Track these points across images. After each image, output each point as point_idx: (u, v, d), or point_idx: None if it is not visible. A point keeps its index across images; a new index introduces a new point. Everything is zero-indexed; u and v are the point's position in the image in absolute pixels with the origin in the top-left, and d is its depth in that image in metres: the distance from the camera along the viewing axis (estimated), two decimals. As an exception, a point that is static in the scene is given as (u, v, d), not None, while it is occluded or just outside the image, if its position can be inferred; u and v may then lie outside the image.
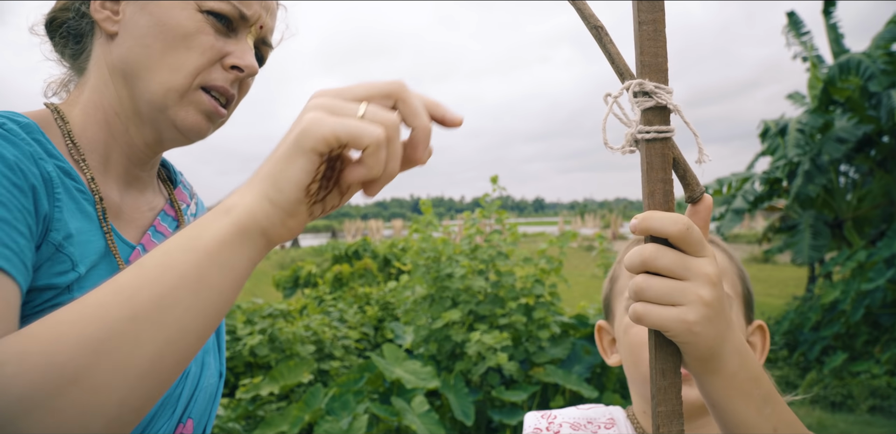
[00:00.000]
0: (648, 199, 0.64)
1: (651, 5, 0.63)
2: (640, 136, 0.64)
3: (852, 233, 8.67)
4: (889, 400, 5.86)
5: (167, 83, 0.88)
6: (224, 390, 4.79)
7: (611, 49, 0.67)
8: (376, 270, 9.56)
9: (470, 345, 4.28)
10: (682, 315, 0.61)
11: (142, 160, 0.96)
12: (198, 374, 0.95)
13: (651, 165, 0.64)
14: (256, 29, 0.96)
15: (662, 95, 0.63)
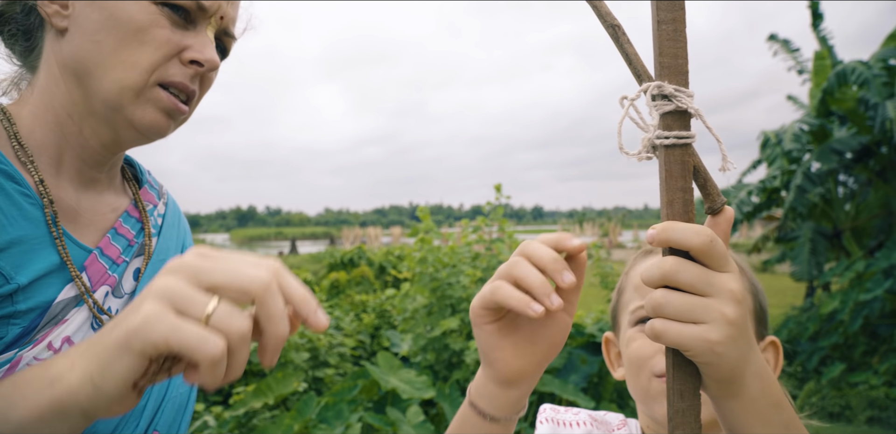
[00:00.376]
0: (667, 209, 0.61)
1: (671, 4, 0.60)
2: (659, 142, 0.60)
3: (851, 243, 8.65)
4: (887, 411, 5.83)
5: (121, 81, 0.83)
6: (217, 397, 4.75)
7: (628, 49, 0.64)
8: (373, 278, 9.54)
9: (469, 353, 4.26)
10: (705, 334, 0.57)
11: (98, 162, 0.91)
12: (164, 386, 0.91)
13: (670, 173, 0.60)
14: (216, 20, 0.91)
15: (683, 99, 0.60)
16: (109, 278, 0.88)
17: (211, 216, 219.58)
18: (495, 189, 5.17)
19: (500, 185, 5.16)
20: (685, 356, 0.60)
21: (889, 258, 6.82)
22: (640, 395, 0.95)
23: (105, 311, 0.85)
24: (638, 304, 0.97)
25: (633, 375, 0.96)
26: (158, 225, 1.02)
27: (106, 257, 0.89)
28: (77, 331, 0.81)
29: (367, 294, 8.56)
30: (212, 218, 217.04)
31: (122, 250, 0.92)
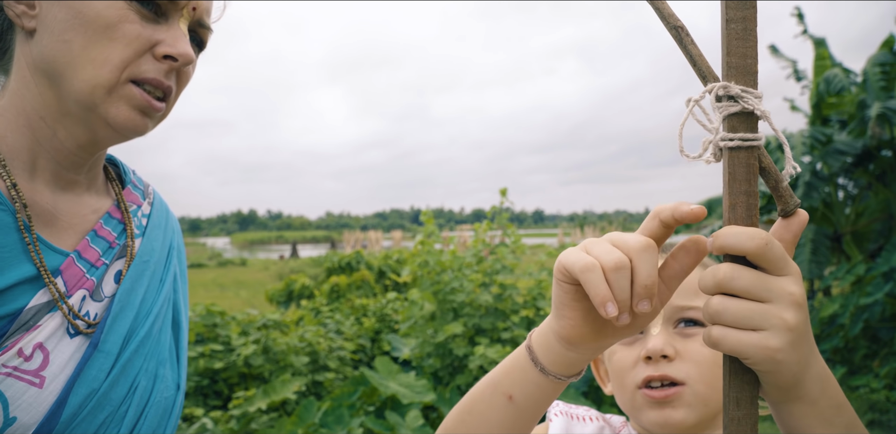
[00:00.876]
0: (730, 213, 0.59)
1: (741, 3, 0.58)
2: (724, 144, 0.58)
3: (851, 247, 8.65)
4: (888, 414, 5.82)
5: (92, 80, 0.80)
6: (217, 402, 4.75)
7: (692, 50, 0.62)
8: (373, 282, 9.54)
9: (473, 359, 4.25)
10: (764, 341, 0.56)
11: (75, 163, 0.89)
12: (149, 389, 0.88)
13: (734, 176, 0.58)
14: (189, 11, 0.88)
15: (750, 100, 0.58)
16: (87, 282, 0.86)
17: (212, 220, 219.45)
18: (500, 193, 5.15)
19: (506, 190, 5.14)
20: (742, 363, 0.58)
21: (889, 262, 6.82)
22: (626, 407, 0.94)
23: (80, 316, 0.83)
24: None
25: (618, 388, 0.95)
26: (143, 225, 0.99)
27: (84, 260, 0.87)
28: (50, 337, 0.79)
29: (367, 298, 8.56)
30: (213, 222, 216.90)
31: (102, 253, 0.90)
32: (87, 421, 0.80)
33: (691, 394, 0.87)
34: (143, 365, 0.88)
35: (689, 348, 0.89)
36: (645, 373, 0.88)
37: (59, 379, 0.78)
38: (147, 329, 0.89)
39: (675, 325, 0.91)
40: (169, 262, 1.00)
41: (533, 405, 0.72)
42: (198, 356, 4.76)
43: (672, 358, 0.88)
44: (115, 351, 0.84)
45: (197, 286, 19.04)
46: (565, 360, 0.69)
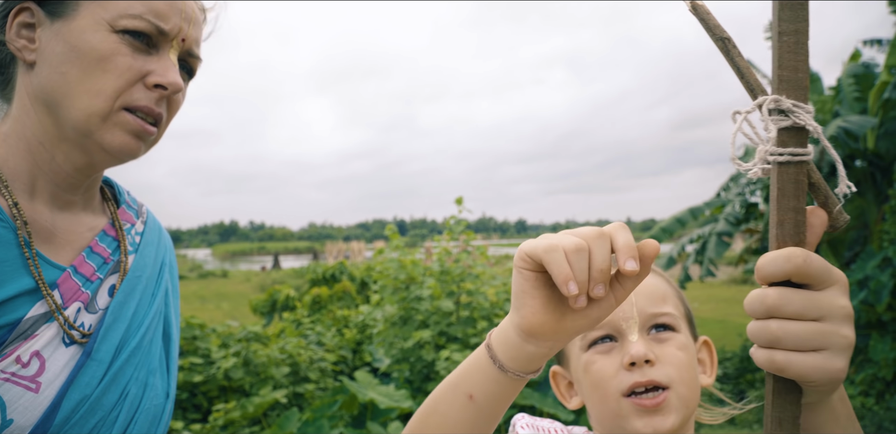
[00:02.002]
0: (777, 229, 0.57)
1: (794, 15, 0.57)
2: (773, 159, 0.57)
3: (828, 255, 8.77)
4: (863, 420, 5.89)
5: (87, 108, 0.87)
6: (196, 415, 4.72)
7: (739, 62, 0.61)
8: (355, 293, 9.52)
9: (440, 363, 4.27)
10: (829, 363, 0.55)
11: (72, 185, 0.95)
12: (139, 396, 0.93)
13: (783, 192, 0.57)
14: (178, 43, 0.94)
15: (801, 115, 0.56)
16: (82, 295, 0.91)
17: (193, 231, 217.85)
18: (456, 202, 5.16)
19: (462, 199, 5.14)
20: (786, 383, 0.58)
21: (863, 270, 6.93)
22: (609, 417, 0.93)
23: (75, 326, 0.88)
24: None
25: (599, 399, 0.94)
26: (136, 243, 1.05)
27: (80, 275, 0.92)
28: (46, 345, 0.84)
29: (348, 309, 8.54)
30: (194, 233, 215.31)
31: (97, 268, 0.95)
32: (80, 424, 0.85)
33: (676, 397, 0.89)
34: (134, 374, 0.93)
35: (665, 352, 0.92)
36: (631, 379, 0.89)
37: (53, 385, 0.84)
38: (138, 340, 0.95)
39: (648, 332, 0.94)
40: (161, 277, 1.06)
41: (493, 404, 0.73)
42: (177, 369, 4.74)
43: (654, 363, 0.90)
44: (107, 360, 0.89)
45: (178, 298, 18.86)
46: (524, 354, 0.70)
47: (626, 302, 0.94)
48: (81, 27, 0.87)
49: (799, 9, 0.57)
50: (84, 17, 0.87)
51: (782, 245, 0.57)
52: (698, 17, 0.63)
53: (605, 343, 0.95)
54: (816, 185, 0.59)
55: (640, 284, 0.95)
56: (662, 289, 0.99)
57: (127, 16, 0.88)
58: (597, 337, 0.95)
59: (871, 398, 6.18)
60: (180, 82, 0.92)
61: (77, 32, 0.87)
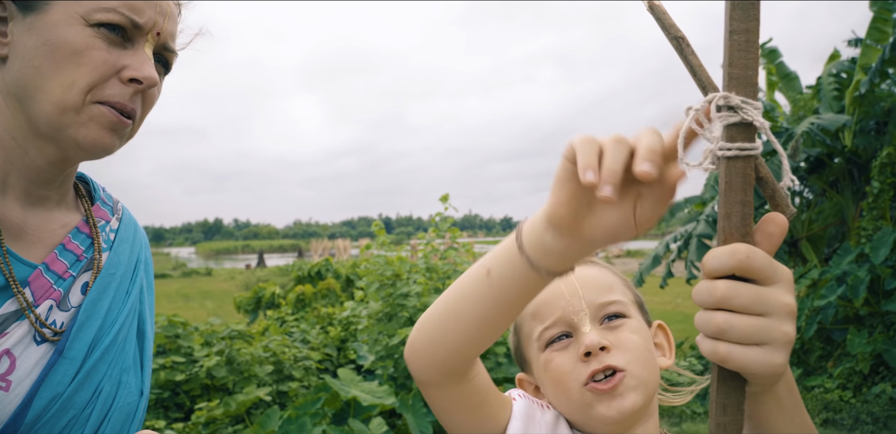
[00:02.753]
0: (724, 222, 0.59)
1: (745, 14, 0.58)
2: (721, 154, 0.59)
3: (808, 251, 8.87)
4: (841, 413, 5.98)
5: (61, 102, 0.86)
6: (179, 414, 4.71)
7: (692, 61, 0.63)
8: (339, 290, 9.52)
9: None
10: (769, 357, 0.58)
11: (46, 180, 0.94)
12: (112, 394, 0.93)
13: (730, 186, 0.59)
14: (153, 36, 0.93)
15: (749, 111, 0.58)
16: (54, 292, 0.91)
17: (177, 229, 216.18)
18: (441, 200, 5.16)
19: (447, 196, 5.15)
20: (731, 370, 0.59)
21: (841, 265, 7.02)
22: (576, 409, 0.95)
23: (47, 324, 0.88)
24: (540, 328, 0.99)
25: (562, 394, 0.96)
26: (111, 240, 1.04)
27: (52, 272, 0.92)
28: (17, 344, 0.84)
29: (333, 307, 8.54)
30: (177, 231, 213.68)
31: (70, 265, 0.95)
32: (51, 423, 0.85)
33: (632, 378, 0.91)
34: (108, 371, 0.93)
35: (620, 337, 0.94)
36: (588, 368, 0.92)
37: (24, 383, 0.83)
38: (112, 337, 0.94)
39: (600, 322, 0.97)
40: (136, 274, 1.05)
41: (506, 285, 0.73)
42: (158, 368, 4.72)
43: (609, 349, 0.92)
44: (79, 358, 0.89)
45: (160, 297, 18.76)
46: (542, 243, 0.70)
47: (573, 296, 0.97)
48: (55, 21, 0.86)
49: (750, 8, 0.58)
50: (57, 10, 0.86)
51: (729, 237, 0.59)
52: (654, 16, 0.65)
53: (562, 340, 0.97)
54: (764, 179, 0.61)
55: (585, 277, 0.99)
56: (607, 279, 1.02)
57: (101, 9, 0.87)
58: (552, 335, 0.98)
59: (849, 391, 6.28)
60: (156, 76, 0.92)
61: (50, 26, 0.85)
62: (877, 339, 6.37)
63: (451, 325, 0.78)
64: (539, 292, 0.75)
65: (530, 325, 1.01)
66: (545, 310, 0.98)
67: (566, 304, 0.97)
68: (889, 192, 7.13)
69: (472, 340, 0.78)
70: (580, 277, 0.99)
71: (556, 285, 0.97)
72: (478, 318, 0.76)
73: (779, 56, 9.31)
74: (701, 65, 0.63)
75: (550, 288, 0.95)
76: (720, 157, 0.59)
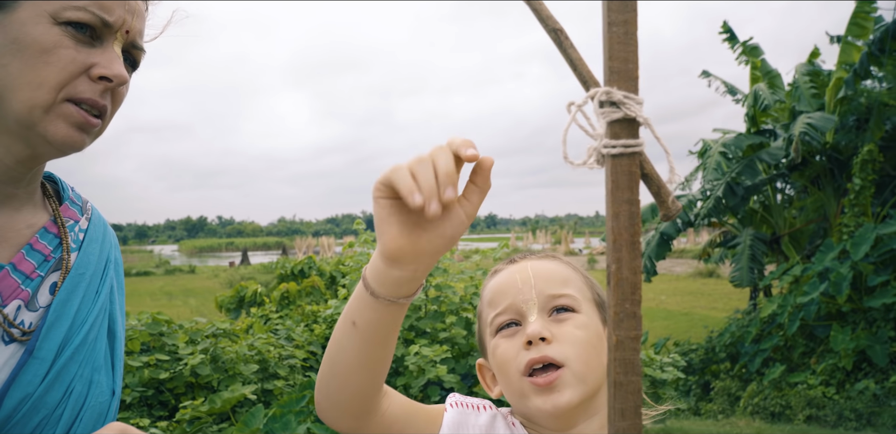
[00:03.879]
0: (613, 222, 0.57)
1: (622, 5, 0.56)
2: (606, 151, 0.57)
3: (790, 247, 8.96)
4: (824, 409, 6.04)
5: (30, 101, 0.86)
6: (163, 412, 4.68)
7: (572, 54, 0.61)
8: (324, 288, 9.48)
9: (409, 358, 4.29)
10: None
11: (14, 178, 0.94)
12: (84, 394, 0.93)
13: (616, 184, 0.57)
14: (122, 34, 0.93)
15: (632, 106, 0.56)
16: (22, 292, 0.90)
17: (160, 226, 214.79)
18: None
19: None
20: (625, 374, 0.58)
21: (823, 262, 7.09)
22: (514, 398, 0.98)
23: (15, 324, 0.87)
24: (493, 314, 1.02)
25: (504, 381, 0.99)
26: (80, 240, 1.03)
27: (19, 272, 0.91)
28: None
29: (317, 304, 8.51)
30: (160, 229, 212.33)
31: (38, 265, 0.94)
32: (22, 423, 0.84)
33: (571, 374, 0.93)
34: (79, 371, 0.92)
35: (563, 331, 0.96)
36: (527, 357, 0.94)
37: None
38: (82, 337, 0.94)
39: (549, 314, 0.99)
40: (106, 274, 1.04)
41: (375, 330, 0.79)
42: (142, 366, 4.67)
43: (550, 340, 0.94)
44: (49, 357, 0.89)
45: (143, 295, 18.62)
46: (391, 279, 0.76)
47: (525, 285, 1.00)
48: (22, 19, 0.85)
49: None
50: (25, 9, 0.86)
51: (618, 237, 0.58)
52: (531, 8, 0.63)
53: (510, 328, 1.00)
54: (649, 175, 0.60)
55: (541, 268, 1.03)
56: (564, 273, 1.04)
57: (70, 8, 0.86)
58: (503, 322, 1.01)
59: (832, 388, 6.34)
60: (125, 74, 0.92)
61: (18, 25, 0.85)
62: (860, 335, 6.43)
63: (341, 377, 0.84)
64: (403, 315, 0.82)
65: (486, 312, 1.05)
66: (499, 297, 1.02)
67: (517, 292, 1.00)
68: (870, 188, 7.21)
69: (364, 383, 0.84)
70: (536, 269, 1.02)
71: (512, 274, 1.03)
72: (361, 363, 0.82)
73: (761, 53, 9.37)
74: (581, 59, 0.62)
75: (507, 277, 1.03)
76: (605, 154, 0.57)
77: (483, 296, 1.09)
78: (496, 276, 1.08)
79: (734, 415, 6.53)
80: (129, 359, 4.63)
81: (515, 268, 1.05)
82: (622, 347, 0.58)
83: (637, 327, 0.58)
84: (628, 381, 0.58)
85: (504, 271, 1.06)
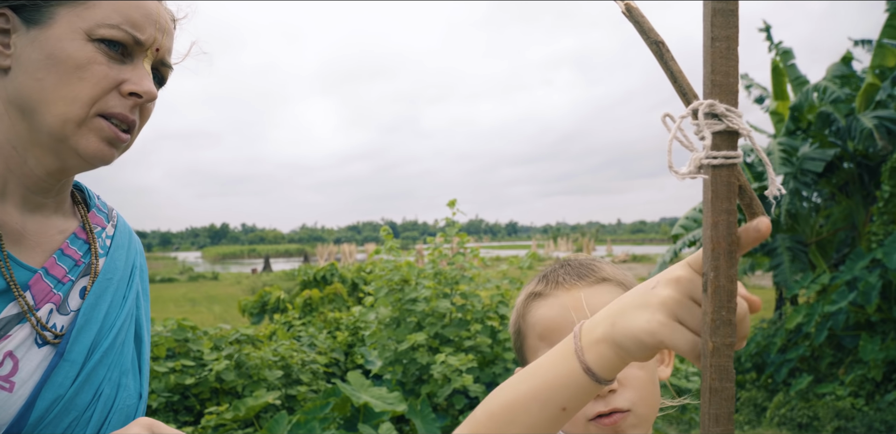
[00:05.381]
0: (711, 231, 0.59)
1: (726, 21, 0.58)
2: (707, 162, 0.59)
3: (817, 256, 8.83)
4: (853, 421, 5.93)
5: (64, 115, 0.89)
6: (188, 418, 4.71)
7: (672, 66, 0.63)
8: (346, 295, 9.51)
9: (435, 367, 4.28)
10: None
11: (44, 189, 0.96)
12: (112, 396, 0.95)
13: (716, 194, 0.59)
14: (153, 52, 0.96)
15: (734, 119, 0.59)
16: (54, 296, 0.93)
17: (183, 233, 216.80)
18: (449, 205, 5.17)
19: (455, 201, 5.16)
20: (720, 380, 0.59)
21: (852, 271, 6.97)
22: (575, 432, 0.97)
23: (48, 327, 0.90)
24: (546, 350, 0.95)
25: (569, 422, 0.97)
26: (107, 246, 1.06)
27: (51, 277, 0.94)
28: (19, 346, 0.87)
29: (339, 311, 8.54)
30: (184, 235, 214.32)
31: (69, 270, 0.97)
32: (54, 424, 0.87)
33: (635, 417, 0.94)
34: (107, 374, 0.95)
35: (627, 375, 0.95)
36: (595, 409, 0.93)
37: (27, 384, 0.86)
38: (110, 341, 0.96)
39: None
40: (132, 280, 1.07)
41: (582, 406, 0.73)
42: (168, 371, 4.71)
43: (616, 389, 0.94)
44: (80, 360, 0.91)
45: (167, 301, 18.79)
46: (625, 362, 0.69)
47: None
48: (58, 35, 0.88)
49: (730, 15, 0.59)
50: (61, 25, 0.89)
51: (717, 246, 0.59)
52: (632, 21, 0.65)
53: None
54: (743, 187, 0.61)
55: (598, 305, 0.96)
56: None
57: (105, 25, 0.89)
58: None
59: (861, 399, 6.22)
60: (155, 91, 0.95)
61: (54, 40, 0.88)
62: (889, 345, 6.32)
63: None
64: None
65: (536, 343, 1.03)
66: (555, 336, 0.98)
67: None
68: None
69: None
70: (592, 306, 0.98)
71: (566, 311, 0.99)
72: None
73: (792, 57, 9.28)
74: (681, 71, 0.64)
75: (561, 313, 0.99)
76: (706, 165, 0.59)
77: (530, 323, 1.04)
78: (544, 304, 1.03)
79: (760, 426, 6.43)
80: (156, 364, 4.67)
81: (568, 300, 0.99)
82: (718, 354, 0.59)
83: (732, 334, 0.59)
84: (723, 388, 0.59)
85: (553, 300, 1.02)
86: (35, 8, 0.89)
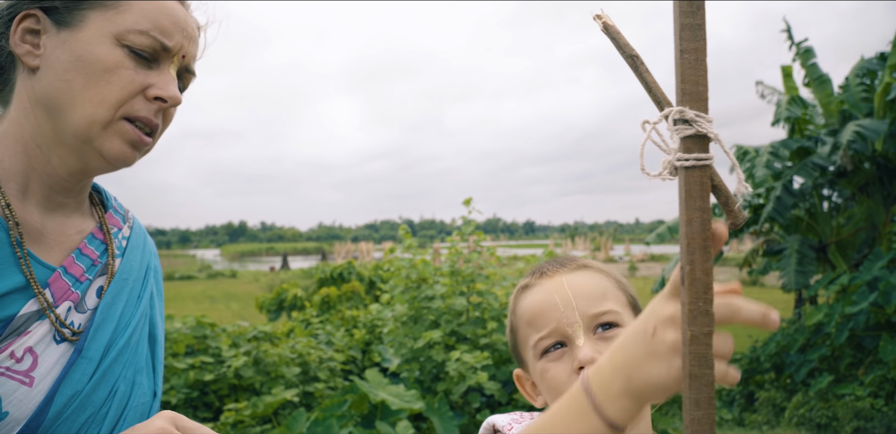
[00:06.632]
0: (686, 228, 0.63)
1: (693, 34, 0.63)
2: (679, 164, 0.64)
3: (836, 256, 8.74)
4: (872, 421, 5.88)
5: (90, 116, 0.91)
6: (207, 414, 4.76)
7: (647, 78, 0.68)
8: (363, 293, 9.55)
9: (450, 364, 4.30)
10: None
11: (65, 188, 0.98)
12: (127, 394, 0.97)
13: (689, 193, 0.63)
14: (179, 58, 0.98)
15: (703, 124, 0.63)
16: (72, 295, 0.95)
17: (202, 231, 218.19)
18: (464, 204, 5.17)
19: (470, 200, 5.17)
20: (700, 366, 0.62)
21: (872, 271, 6.91)
22: None
23: (66, 324, 0.92)
24: (536, 337, 1.00)
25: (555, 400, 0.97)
26: (123, 247, 1.08)
27: (69, 275, 0.96)
28: (39, 342, 0.89)
29: (357, 309, 8.58)
30: (203, 233, 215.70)
31: (86, 269, 0.99)
32: (72, 419, 0.89)
33: None
34: (122, 372, 0.97)
35: None
36: None
37: (46, 380, 0.88)
38: (126, 339, 0.99)
39: (594, 332, 0.98)
40: (146, 281, 1.10)
41: None
42: (187, 368, 4.77)
43: None
44: (97, 357, 0.94)
45: (186, 298, 18.95)
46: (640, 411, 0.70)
47: (567, 307, 0.98)
48: (88, 38, 0.91)
49: (697, 29, 0.63)
50: (91, 28, 0.91)
51: (692, 241, 0.63)
52: (609, 37, 0.70)
53: (556, 350, 0.98)
54: (718, 187, 0.66)
55: (578, 285, 1.01)
56: (600, 286, 1.02)
57: (134, 31, 0.92)
58: (548, 345, 0.99)
59: (881, 399, 6.17)
60: (179, 96, 0.97)
61: (83, 43, 0.90)
62: (910, 346, 6.25)
63: None
64: None
65: (526, 332, 1.04)
66: (540, 320, 1.00)
67: (560, 316, 0.98)
68: (921, 196, 7.01)
69: None
70: (574, 287, 1.00)
71: (550, 295, 1.00)
72: None
73: (813, 56, 9.18)
74: (655, 81, 0.68)
75: (545, 297, 1.00)
76: (678, 167, 0.64)
77: (519, 314, 1.07)
78: (530, 293, 1.05)
79: (779, 426, 6.39)
80: (175, 361, 4.73)
81: (551, 286, 1.02)
82: (696, 342, 0.63)
83: (709, 324, 0.63)
84: (702, 374, 0.63)
85: (538, 288, 1.05)
86: (66, 10, 0.92)
